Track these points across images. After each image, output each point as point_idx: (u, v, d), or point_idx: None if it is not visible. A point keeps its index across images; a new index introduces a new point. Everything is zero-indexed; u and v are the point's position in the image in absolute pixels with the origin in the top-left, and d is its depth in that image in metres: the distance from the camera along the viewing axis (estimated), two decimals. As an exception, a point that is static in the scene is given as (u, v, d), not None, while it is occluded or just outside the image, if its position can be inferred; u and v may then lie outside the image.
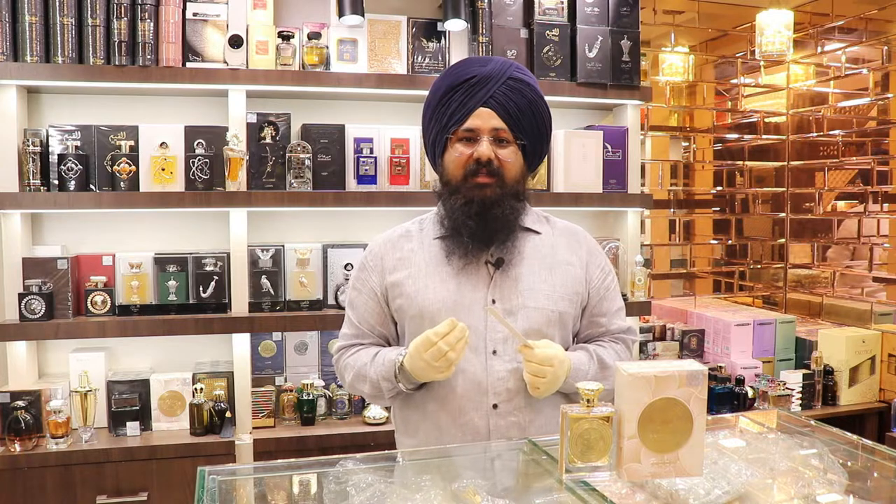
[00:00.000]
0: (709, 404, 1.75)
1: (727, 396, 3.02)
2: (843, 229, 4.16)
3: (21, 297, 2.44)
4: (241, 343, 2.63)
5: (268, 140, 2.66)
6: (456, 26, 2.75)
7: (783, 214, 4.26)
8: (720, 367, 3.21)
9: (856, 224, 4.05)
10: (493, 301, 1.61)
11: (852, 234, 4.10)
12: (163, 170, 2.56)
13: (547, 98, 3.04)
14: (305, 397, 2.67)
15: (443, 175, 1.66)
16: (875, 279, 3.98)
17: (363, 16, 2.65)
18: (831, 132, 4.15)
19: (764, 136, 4.29)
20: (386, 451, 1.57)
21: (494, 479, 1.41)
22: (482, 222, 1.58)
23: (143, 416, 2.57)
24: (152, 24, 2.51)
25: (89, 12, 2.46)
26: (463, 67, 1.63)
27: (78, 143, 2.53)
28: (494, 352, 1.60)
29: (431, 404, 1.63)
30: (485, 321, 1.60)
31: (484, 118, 1.58)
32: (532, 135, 1.63)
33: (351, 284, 1.77)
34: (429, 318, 1.60)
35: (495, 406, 1.59)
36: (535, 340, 1.54)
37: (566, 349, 1.65)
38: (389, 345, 1.73)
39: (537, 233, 1.70)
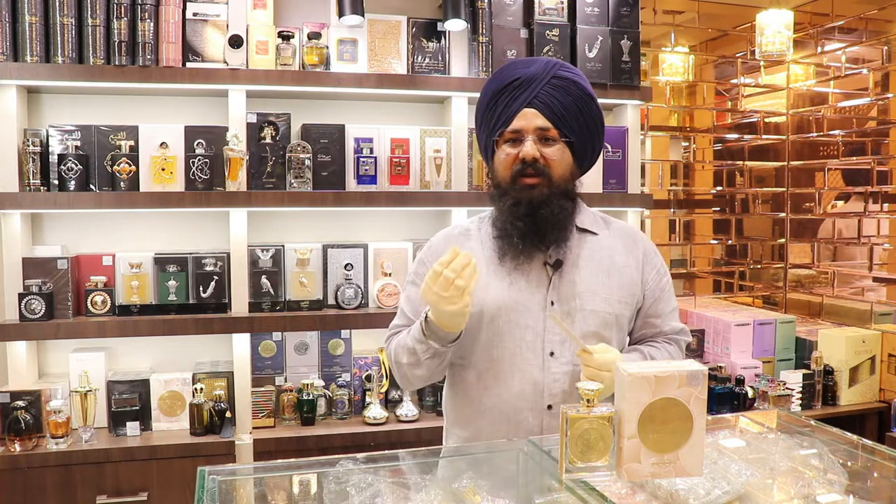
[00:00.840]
0: (709, 404, 1.75)
1: (727, 396, 3.02)
2: (837, 229, 4.16)
3: (21, 297, 2.44)
4: (241, 343, 2.63)
5: (268, 140, 2.66)
6: (456, 26, 2.75)
7: (783, 214, 4.26)
8: (720, 367, 3.21)
9: (856, 224, 4.05)
10: (552, 303, 1.62)
11: (852, 234, 4.10)
12: (163, 170, 2.56)
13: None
14: (305, 397, 2.67)
15: (493, 177, 1.68)
16: (875, 279, 3.98)
17: (363, 16, 2.65)
18: (831, 132, 4.15)
19: (764, 136, 4.29)
20: (386, 451, 1.57)
21: (494, 478, 1.41)
22: (532, 223, 1.59)
23: (143, 416, 2.57)
24: (152, 24, 2.51)
25: (89, 12, 2.46)
26: (508, 70, 1.64)
27: (78, 143, 2.53)
28: (552, 353, 1.61)
29: (488, 400, 1.63)
30: (543, 322, 1.61)
31: (528, 118, 1.59)
32: (580, 132, 1.62)
33: (410, 280, 1.76)
34: (488, 316, 1.61)
35: (549, 407, 1.60)
36: (593, 345, 1.53)
37: (621, 350, 1.65)
38: None
39: (594, 234, 1.70)
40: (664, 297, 1.74)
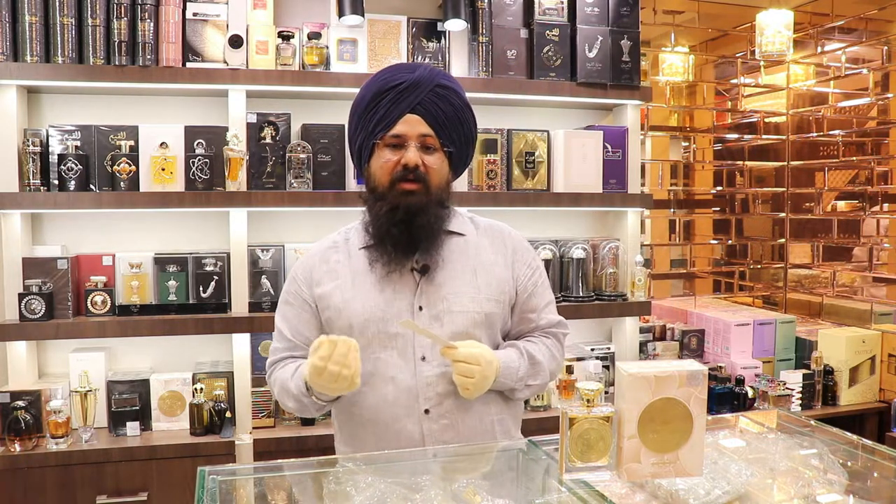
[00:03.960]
0: (709, 404, 1.75)
1: (727, 396, 3.02)
2: (846, 229, 4.16)
3: (21, 297, 2.44)
4: (241, 343, 2.63)
5: (268, 140, 2.66)
6: (456, 26, 2.75)
7: (783, 214, 4.26)
8: (720, 367, 3.21)
9: (854, 224, 4.05)
10: (421, 308, 1.62)
11: (852, 234, 4.10)
12: (163, 170, 2.56)
13: (546, 98, 3.07)
14: (305, 397, 2.67)
15: (369, 181, 1.66)
16: (875, 279, 3.98)
17: (363, 16, 2.65)
18: (831, 132, 4.15)
19: (764, 136, 4.29)
20: (386, 451, 1.57)
21: (494, 478, 1.41)
22: (406, 230, 1.59)
23: (143, 416, 2.57)
24: (152, 24, 2.51)
25: (89, 12, 2.46)
26: (391, 73, 1.64)
27: (78, 143, 2.53)
28: (423, 357, 1.60)
29: (366, 412, 1.63)
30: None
31: (412, 124, 1.59)
32: (458, 142, 1.65)
33: (282, 299, 1.75)
34: (358, 328, 1.61)
35: (427, 411, 1.60)
36: (458, 342, 1.55)
37: (496, 348, 1.66)
38: None
39: (461, 235, 1.70)
40: (538, 291, 1.74)
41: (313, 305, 1.68)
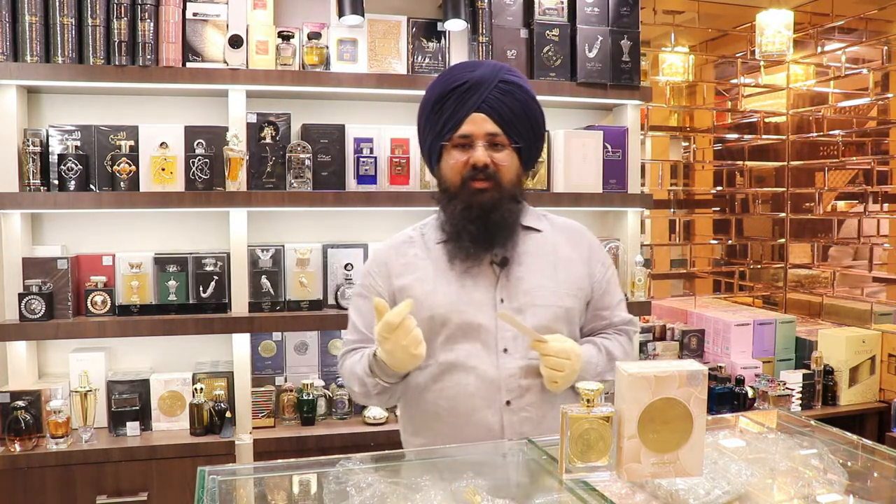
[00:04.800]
0: (709, 404, 1.75)
1: (727, 396, 3.02)
2: (843, 229, 4.16)
3: (21, 297, 2.44)
4: (241, 343, 2.63)
5: (268, 140, 2.66)
6: (456, 26, 2.75)
7: (783, 214, 4.26)
8: (720, 367, 3.21)
9: (856, 224, 4.05)
10: (502, 300, 1.63)
11: (852, 233, 4.10)
12: (163, 170, 2.56)
13: (546, 98, 3.06)
14: (305, 397, 2.67)
15: (441, 181, 1.68)
16: (875, 279, 3.98)
17: (363, 16, 2.65)
18: (831, 132, 4.15)
19: (764, 136, 4.29)
20: (386, 451, 1.57)
21: (494, 478, 1.41)
22: (483, 226, 1.60)
23: (143, 416, 2.57)
24: (152, 24, 2.51)
25: (89, 12, 2.46)
26: (453, 73, 1.64)
27: (78, 143, 2.53)
28: (505, 350, 1.62)
29: (444, 402, 1.64)
30: (494, 320, 1.62)
31: (478, 123, 1.59)
32: (526, 136, 1.65)
33: (356, 292, 1.78)
34: (439, 319, 1.62)
35: (508, 402, 1.61)
36: (546, 335, 1.57)
37: None
38: None
39: (538, 231, 1.72)
40: (611, 289, 1.77)
41: (389, 298, 1.69)
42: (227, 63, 2.58)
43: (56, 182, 2.50)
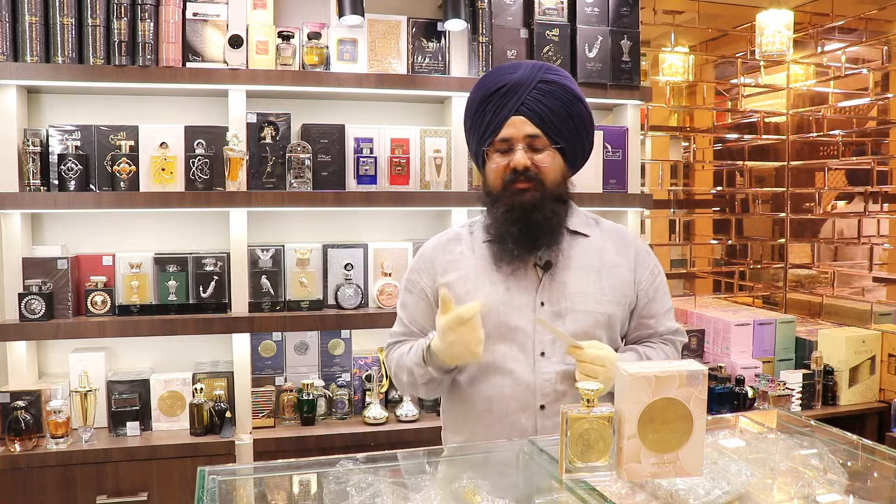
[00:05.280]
0: (709, 404, 1.75)
1: (727, 396, 3.02)
2: (838, 230, 4.16)
3: (21, 297, 2.44)
4: (241, 343, 2.63)
5: (268, 140, 2.66)
6: (456, 26, 2.75)
7: (783, 214, 4.26)
8: (720, 367, 3.21)
9: (855, 224, 4.05)
10: (542, 304, 1.62)
11: (843, 233, 4.10)
12: (163, 170, 2.56)
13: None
14: (305, 397, 2.67)
15: (485, 184, 1.68)
16: (875, 279, 3.98)
17: (363, 16, 2.65)
18: (831, 132, 4.15)
19: (764, 136, 4.29)
20: (386, 451, 1.57)
21: (494, 478, 1.41)
22: (525, 227, 1.59)
23: (143, 416, 2.57)
24: (152, 24, 2.51)
25: (89, 12, 2.46)
26: (493, 76, 1.63)
27: (78, 143, 2.53)
28: (543, 353, 1.62)
29: (479, 403, 1.64)
30: (533, 323, 1.61)
31: (517, 126, 1.58)
32: (569, 136, 1.62)
33: (402, 286, 1.79)
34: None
35: (542, 407, 1.61)
36: (583, 342, 1.55)
37: (615, 351, 1.65)
38: None
39: (585, 235, 1.70)
40: (658, 297, 1.74)
41: (433, 294, 1.70)
42: (227, 63, 2.58)
43: (56, 182, 2.50)
